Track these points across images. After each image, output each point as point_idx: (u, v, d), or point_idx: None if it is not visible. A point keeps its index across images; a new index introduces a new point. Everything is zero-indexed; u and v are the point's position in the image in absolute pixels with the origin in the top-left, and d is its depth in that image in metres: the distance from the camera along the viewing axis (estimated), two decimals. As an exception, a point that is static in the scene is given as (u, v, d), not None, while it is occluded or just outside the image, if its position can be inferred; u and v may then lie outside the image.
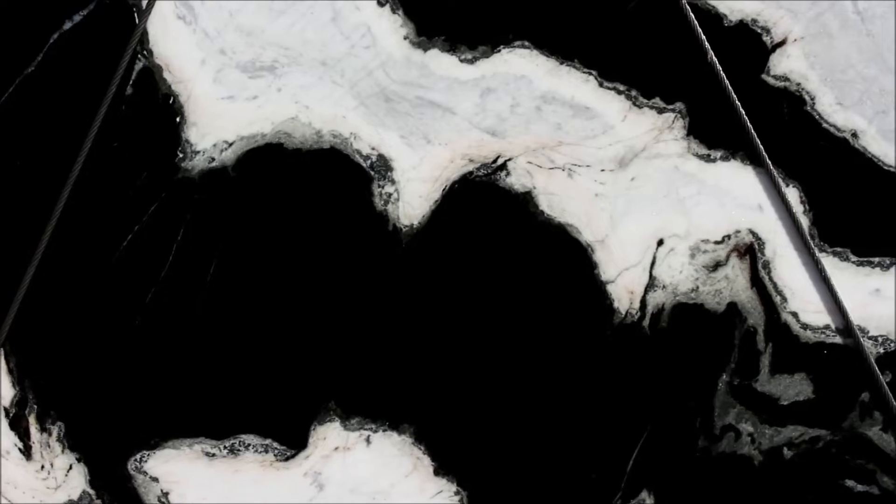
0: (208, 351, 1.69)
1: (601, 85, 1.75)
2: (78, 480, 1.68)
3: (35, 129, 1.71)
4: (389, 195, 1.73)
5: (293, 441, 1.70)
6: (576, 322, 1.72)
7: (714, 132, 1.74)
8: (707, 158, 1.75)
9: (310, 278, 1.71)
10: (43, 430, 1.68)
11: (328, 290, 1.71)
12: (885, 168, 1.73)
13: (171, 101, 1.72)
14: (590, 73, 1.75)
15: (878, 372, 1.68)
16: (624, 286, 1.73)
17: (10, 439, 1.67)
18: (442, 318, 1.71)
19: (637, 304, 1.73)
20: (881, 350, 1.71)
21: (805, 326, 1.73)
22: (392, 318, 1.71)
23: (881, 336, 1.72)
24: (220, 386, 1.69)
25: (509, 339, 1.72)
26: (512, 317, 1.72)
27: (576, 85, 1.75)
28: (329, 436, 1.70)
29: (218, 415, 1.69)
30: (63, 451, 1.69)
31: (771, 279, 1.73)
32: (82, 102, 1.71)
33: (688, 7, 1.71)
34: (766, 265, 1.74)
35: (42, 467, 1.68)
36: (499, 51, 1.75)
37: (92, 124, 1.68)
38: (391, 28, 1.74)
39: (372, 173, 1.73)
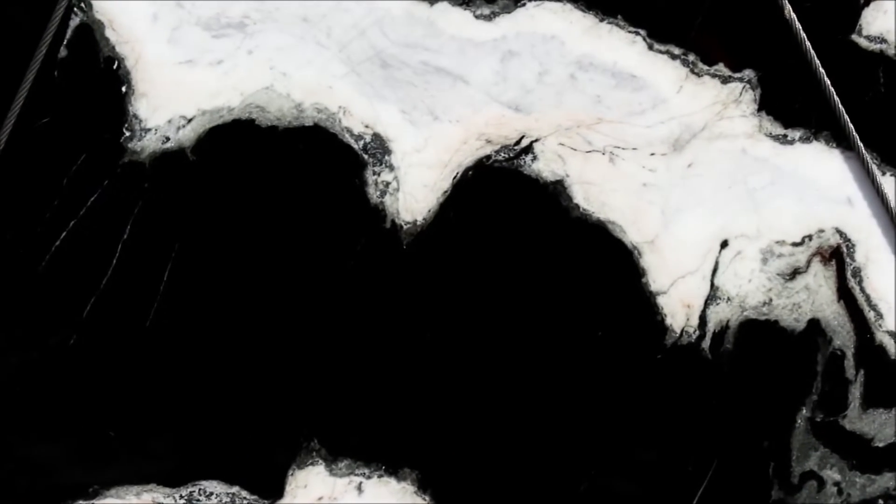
0: (160, 376, 1.66)
1: (651, 48, 1.74)
2: (-1, 537, 1.69)
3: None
4: (387, 184, 1.69)
5: (266, 489, 1.66)
6: (619, 342, 1.70)
7: (792, 106, 1.73)
8: (783, 140, 1.73)
9: (288, 287, 1.68)
10: (-44, 475, 1.70)
11: (311, 301, 1.68)
12: None
13: (115, 66, 1.68)
14: (637, 33, 1.73)
15: None
16: (679, 298, 1.70)
17: (-86, 489, 1.71)
18: (451, 336, 1.69)
19: (695, 321, 1.70)
20: None
21: (905, 350, 1.71)
22: (390, 336, 1.68)
23: None
24: (176, 420, 1.66)
25: (537, 363, 1.69)
26: (540, 336, 1.69)
27: (619, 48, 1.73)
28: (311, 483, 1.66)
29: (173, 456, 1.66)
30: (-21, 502, 1.67)
31: (862, 290, 1.71)
32: (5, 67, 1.67)
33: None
34: (857, 273, 1.71)
35: (-46, 522, 1.70)
36: (523, 4, 1.73)
37: (16, 95, 1.65)
38: (390, -24, 1.76)
39: (365, 157, 1.70)
